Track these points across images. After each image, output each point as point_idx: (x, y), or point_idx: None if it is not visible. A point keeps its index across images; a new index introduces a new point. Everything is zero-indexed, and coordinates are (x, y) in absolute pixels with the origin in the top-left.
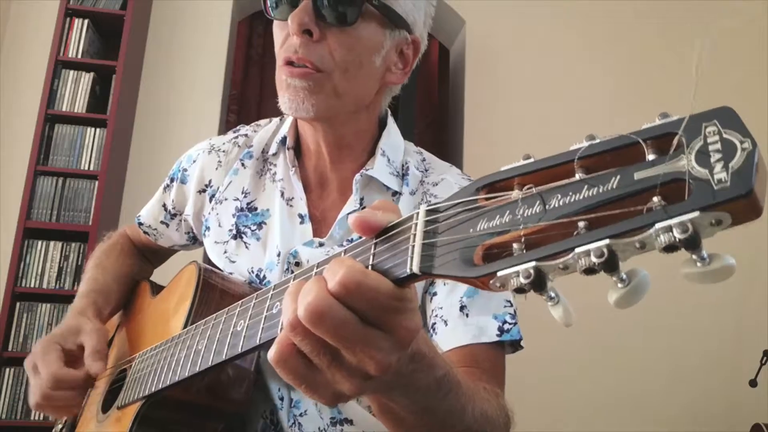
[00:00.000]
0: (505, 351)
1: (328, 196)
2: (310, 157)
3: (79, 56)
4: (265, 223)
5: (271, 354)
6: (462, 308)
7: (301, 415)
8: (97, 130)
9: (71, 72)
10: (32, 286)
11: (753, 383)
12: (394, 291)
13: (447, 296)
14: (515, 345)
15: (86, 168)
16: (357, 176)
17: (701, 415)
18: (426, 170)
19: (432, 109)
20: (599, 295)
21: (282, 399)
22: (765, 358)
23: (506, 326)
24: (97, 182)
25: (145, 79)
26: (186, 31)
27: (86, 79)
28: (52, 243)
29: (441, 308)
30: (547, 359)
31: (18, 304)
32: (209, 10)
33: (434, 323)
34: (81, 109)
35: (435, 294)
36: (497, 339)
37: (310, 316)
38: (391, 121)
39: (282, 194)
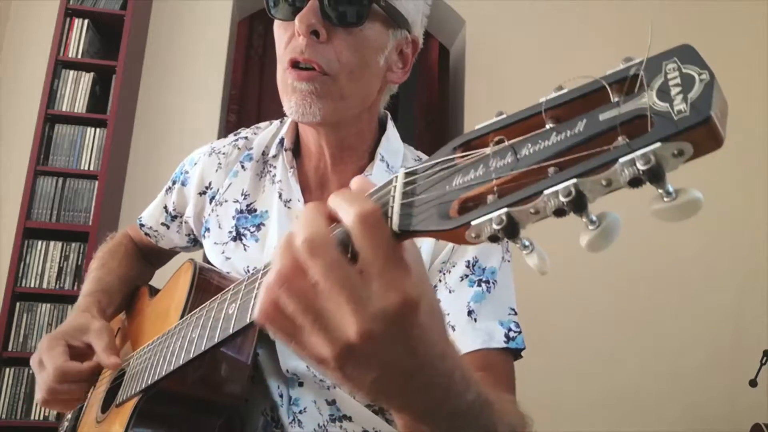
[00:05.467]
0: (511, 358)
1: (327, 197)
2: (311, 158)
3: (79, 56)
4: (263, 225)
5: (257, 312)
6: (470, 313)
7: (300, 412)
8: (97, 130)
9: (71, 72)
10: (32, 286)
11: (753, 383)
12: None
13: (453, 302)
14: (516, 353)
15: (86, 168)
16: None
17: (701, 414)
18: None
19: (432, 109)
20: (600, 297)
21: (282, 396)
22: (765, 358)
23: (512, 334)
24: (97, 182)
25: (145, 79)
26: (186, 31)
27: (86, 79)
28: (52, 243)
29: (448, 314)
30: (548, 360)
31: (18, 304)
32: (209, 10)
33: None
34: (81, 109)
35: (438, 301)
36: (505, 345)
37: (309, 245)
38: (390, 125)
39: (280, 196)
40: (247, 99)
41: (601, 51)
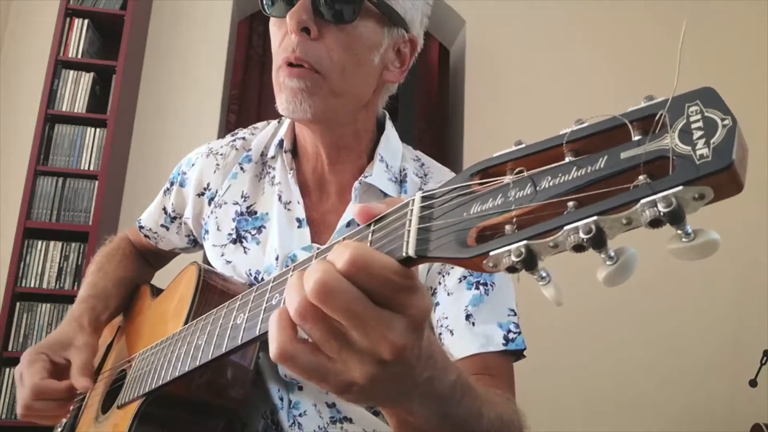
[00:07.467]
0: (510, 359)
1: (327, 199)
2: (309, 159)
3: (79, 56)
4: (264, 227)
5: (273, 351)
6: (468, 317)
7: (300, 415)
8: (97, 130)
9: (71, 72)
10: (32, 286)
11: (753, 383)
12: (401, 269)
13: (452, 305)
14: (517, 354)
15: (86, 168)
16: (356, 183)
17: (701, 414)
18: (425, 175)
19: (432, 109)
20: (599, 296)
21: (281, 399)
22: (765, 358)
23: (511, 335)
24: (97, 182)
25: (145, 79)
26: (186, 31)
27: (86, 79)
28: (52, 243)
29: (446, 318)
30: (547, 360)
31: (18, 304)
32: (209, 10)
33: (440, 333)
34: (81, 109)
35: (437, 304)
36: (503, 348)
37: (319, 292)
38: (389, 125)
39: (279, 198)
40: (247, 99)
41: (601, 51)
